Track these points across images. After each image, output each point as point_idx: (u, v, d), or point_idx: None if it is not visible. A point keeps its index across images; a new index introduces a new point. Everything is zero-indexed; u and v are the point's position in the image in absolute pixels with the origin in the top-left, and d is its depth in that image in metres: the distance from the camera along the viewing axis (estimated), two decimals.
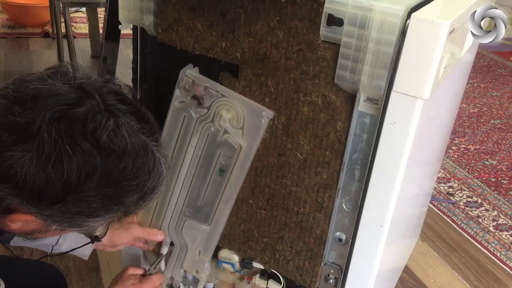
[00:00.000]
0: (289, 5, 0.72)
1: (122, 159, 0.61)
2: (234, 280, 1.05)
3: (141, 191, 0.65)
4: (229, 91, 0.83)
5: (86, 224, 0.65)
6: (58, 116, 0.58)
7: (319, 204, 0.85)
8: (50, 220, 0.63)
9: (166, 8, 0.82)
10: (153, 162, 0.65)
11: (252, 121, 0.83)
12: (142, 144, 0.63)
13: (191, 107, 0.86)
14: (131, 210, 0.67)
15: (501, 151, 2.49)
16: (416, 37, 0.66)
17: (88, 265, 1.53)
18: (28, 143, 0.57)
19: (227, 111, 0.84)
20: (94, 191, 0.61)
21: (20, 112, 0.58)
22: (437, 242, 1.82)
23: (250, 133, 0.84)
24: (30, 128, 0.57)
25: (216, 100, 0.84)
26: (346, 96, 0.75)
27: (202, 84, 0.84)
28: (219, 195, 0.91)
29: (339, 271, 0.89)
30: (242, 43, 0.78)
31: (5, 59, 2.97)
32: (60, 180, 0.58)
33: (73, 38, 2.69)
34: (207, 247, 0.97)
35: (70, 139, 0.58)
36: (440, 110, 1.07)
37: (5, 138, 0.58)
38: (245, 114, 0.82)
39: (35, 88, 0.60)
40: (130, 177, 0.62)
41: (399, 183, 0.76)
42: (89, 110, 0.60)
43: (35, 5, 3.39)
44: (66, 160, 0.58)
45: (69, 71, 0.64)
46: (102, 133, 0.59)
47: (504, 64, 3.70)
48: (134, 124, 0.63)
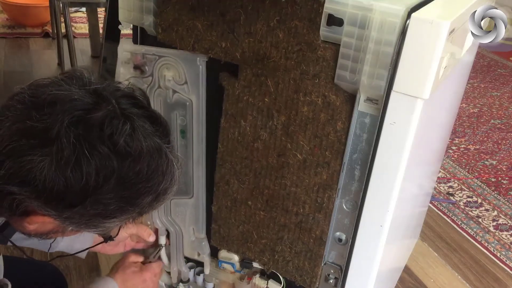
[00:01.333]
0: (289, 5, 0.72)
1: (138, 162, 0.62)
2: (234, 280, 1.05)
3: (155, 193, 0.66)
4: (164, 50, 0.85)
5: (102, 225, 0.67)
6: (75, 121, 0.59)
7: (319, 205, 0.85)
8: (68, 222, 0.64)
9: (166, 8, 0.82)
10: (167, 164, 0.66)
11: (191, 70, 0.85)
12: (157, 146, 0.64)
13: (137, 79, 0.89)
14: (145, 210, 0.69)
15: (501, 151, 2.49)
16: (416, 37, 0.66)
17: (88, 265, 1.53)
18: (46, 148, 0.58)
19: (168, 69, 0.86)
20: (111, 193, 0.62)
21: (38, 118, 0.59)
22: (437, 242, 1.82)
23: (193, 84, 0.86)
24: (48, 133, 0.58)
25: (155, 63, 0.86)
26: (346, 96, 0.75)
27: (139, 52, 0.86)
28: (190, 159, 0.93)
29: (339, 271, 0.89)
30: (242, 43, 0.78)
31: (5, 59, 2.97)
32: (79, 183, 0.59)
33: (73, 38, 2.69)
34: (197, 221, 0.99)
35: (88, 144, 0.59)
36: (440, 110, 1.07)
37: (24, 143, 0.59)
38: (183, 66, 0.85)
39: (52, 93, 0.61)
40: (145, 179, 0.64)
41: (399, 183, 0.76)
42: (106, 115, 0.61)
43: (35, 5, 3.38)
44: (84, 164, 0.59)
45: (84, 75, 0.65)
46: (119, 137, 0.61)
47: (504, 64, 3.70)
48: (148, 127, 0.64)
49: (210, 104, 0.88)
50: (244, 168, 0.89)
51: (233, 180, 0.91)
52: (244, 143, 0.87)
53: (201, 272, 1.10)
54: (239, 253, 1.00)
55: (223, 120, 0.87)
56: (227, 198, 0.94)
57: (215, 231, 0.99)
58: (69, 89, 0.62)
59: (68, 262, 1.52)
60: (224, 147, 0.89)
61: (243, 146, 0.87)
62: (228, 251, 1.01)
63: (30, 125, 0.59)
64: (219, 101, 0.86)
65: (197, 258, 1.05)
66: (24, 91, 0.63)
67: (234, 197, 0.93)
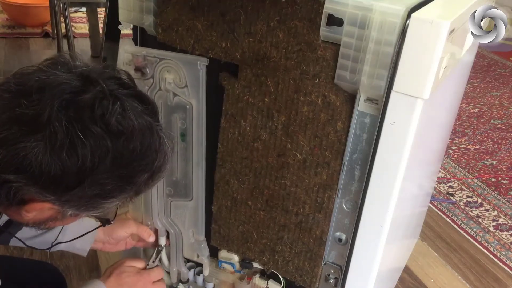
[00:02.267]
0: (289, 5, 0.72)
1: (131, 140, 0.63)
2: (234, 280, 1.05)
3: (150, 170, 0.68)
4: (165, 52, 0.86)
5: (101, 206, 0.68)
6: (66, 104, 0.60)
7: (319, 205, 0.85)
8: (67, 205, 0.65)
9: (166, 8, 0.82)
10: (159, 142, 0.67)
11: (191, 74, 0.85)
12: (147, 124, 0.66)
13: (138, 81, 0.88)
14: (142, 189, 0.70)
15: (501, 151, 2.48)
16: (416, 37, 0.66)
17: (88, 265, 1.53)
18: (39, 133, 0.59)
19: (169, 72, 0.86)
20: (108, 173, 0.63)
21: (27, 104, 0.59)
22: (437, 242, 1.82)
23: (194, 87, 0.86)
24: (39, 119, 0.59)
25: (156, 65, 0.87)
26: (346, 96, 0.75)
27: (140, 54, 0.87)
28: (190, 162, 0.93)
29: (339, 271, 0.89)
30: (242, 43, 0.78)
31: (5, 59, 2.97)
32: (76, 165, 0.60)
33: (73, 38, 2.69)
34: (197, 223, 0.99)
35: (81, 125, 0.60)
36: (440, 110, 1.07)
37: (15, 131, 0.59)
38: (184, 69, 0.85)
39: (39, 79, 0.61)
40: (139, 157, 0.65)
41: (399, 183, 0.76)
42: (95, 96, 0.61)
43: (35, 5, 3.38)
44: (79, 145, 0.60)
45: (69, 60, 0.66)
46: (110, 117, 0.61)
47: (504, 64, 3.70)
48: (138, 106, 0.65)
49: (210, 104, 0.88)
50: (244, 168, 0.89)
51: (233, 180, 0.91)
52: (244, 143, 0.87)
53: (201, 272, 1.10)
54: (239, 253, 1.00)
55: (223, 120, 0.87)
56: (227, 198, 0.94)
57: (215, 231, 0.99)
58: (56, 74, 0.62)
59: (68, 262, 1.52)
60: (224, 147, 0.89)
61: (243, 146, 0.87)
62: (228, 251, 1.01)
63: (20, 113, 0.59)
64: (218, 102, 0.86)
65: (197, 260, 1.05)
66: (9, 80, 0.63)
67: (234, 197, 0.93)
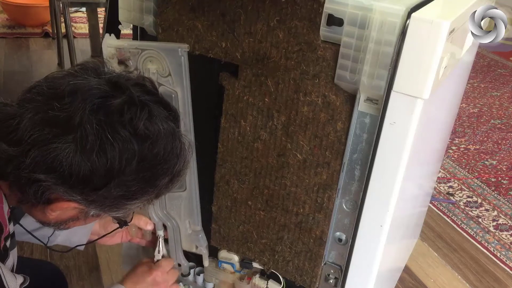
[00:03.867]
0: (289, 5, 0.72)
1: (156, 144, 0.66)
2: (234, 280, 1.05)
3: (171, 174, 0.71)
4: (146, 43, 0.87)
5: (124, 207, 0.71)
6: (96, 108, 0.63)
7: (319, 205, 0.85)
8: (93, 205, 0.68)
9: (166, 8, 0.82)
10: (180, 147, 0.71)
11: (173, 61, 0.86)
12: (171, 130, 0.69)
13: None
14: (162, 192, 0.73)
15: (501, 151, 2.49)
16: (416, 37, 0.66)
17: (88, 265, 1.53)
18: (70, 135, 0.62)
19: (151, 62, 0.87)
20: (133, 175, 0.66)
21: (59, 107, 0.63)
22: (437, 242, 1.82)
23: (177, 75, 0.86)
24: (71, 121, 0.62)
25: (139, 57, 0.87)
26: (346, 96, 0.75)
27: (122, 47, 0.87)
28: None
29: (339, 271, 0.89)
30: (242, 43, 0.78)
31: (5, 59, 2.97)
32: (104, 167, 0.63)
33: (73, 38, 2.69)
34: (192, 214, 1.00)
35: (110, 129, 0.63)
36: (440, 110, 1.07)
37: (47, 132, 0.62)
38: (165, 58, 0.85)
39: (71, 83, 0.65)
40: (162, 161, 0.68)
41: (399, 183, 0.76)
42: (124, 101, 0.65)
43: (35, 5, 3.38)
44: (108, 148, 0.63)
45: (98, 65, 0.69)
46: (138, 122, 0.64)
47: (504, 64, 3.70)
48: (162, 112, 0.68)
49: (210, 104, 0.88)
50: (244, 168, 0.89)
51: (233, 180, 0.91)
52: (244, 143, 0.87)
53: (201, 272, 1.10)
54: (239, 253, 1.00)
55: (223, 120, 0.87)
56: (227, 198, 0.94)
57: (215, 231, 0.99)
58: (86, 79, 0.66)
59: (68, 262, 1.52)
60: (224, 147, 0.89)
61: (243, 146, 0.87)
62: (228, 251, 1.01)
63: (53, 115, 0.62)
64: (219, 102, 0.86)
65: (195, 251, 1.04)
66: (41, 84, 0.66)
67: (234, 197, 0.93)
